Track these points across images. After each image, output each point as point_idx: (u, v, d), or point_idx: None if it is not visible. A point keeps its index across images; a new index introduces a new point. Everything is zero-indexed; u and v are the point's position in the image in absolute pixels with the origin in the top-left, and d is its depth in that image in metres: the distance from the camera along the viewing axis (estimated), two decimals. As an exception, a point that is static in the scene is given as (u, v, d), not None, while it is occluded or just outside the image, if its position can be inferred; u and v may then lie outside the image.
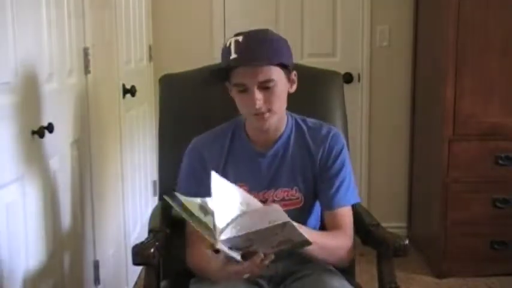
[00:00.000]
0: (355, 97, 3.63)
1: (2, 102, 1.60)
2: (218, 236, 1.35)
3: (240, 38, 1.58)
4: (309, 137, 1.72)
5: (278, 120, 1.67)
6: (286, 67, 1.62)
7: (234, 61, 1.56)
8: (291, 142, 1.72)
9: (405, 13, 3.60)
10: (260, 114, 1.60)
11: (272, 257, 1.41)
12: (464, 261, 3.20)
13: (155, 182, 3.41)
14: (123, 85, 2.82)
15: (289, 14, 3.62)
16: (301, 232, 1.37)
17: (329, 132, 1.73)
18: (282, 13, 3.62)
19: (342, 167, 1.70)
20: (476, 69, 3.08)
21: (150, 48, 3.52)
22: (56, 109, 1.96)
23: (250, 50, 1.56)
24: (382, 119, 3.71)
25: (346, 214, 1.69)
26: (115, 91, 2.75)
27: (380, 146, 3.74)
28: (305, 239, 1.39)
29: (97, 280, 2.42)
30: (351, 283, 1.68)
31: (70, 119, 2.15)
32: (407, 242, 1.66)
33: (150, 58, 3.52)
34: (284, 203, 1.67)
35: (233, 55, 1.56)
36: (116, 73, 2.75)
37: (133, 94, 2.88)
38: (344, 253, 1.66)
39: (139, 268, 2.72)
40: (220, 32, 3.53)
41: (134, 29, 3.11)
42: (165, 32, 3.61)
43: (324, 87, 2.05)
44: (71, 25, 2.14)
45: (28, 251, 1.75)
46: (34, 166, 1.81)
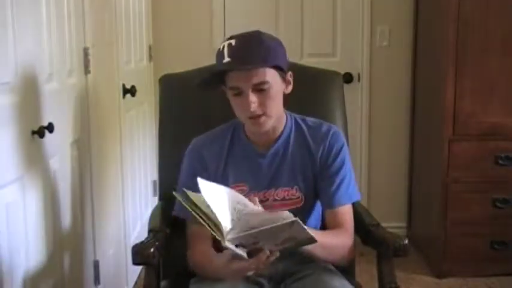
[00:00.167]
0: (355, 97, 3.63)
1: (2, 102, 1.60)
2: (226, 234, 1.36)
3: (233, 42, 1.57)
4: (309, 136, 1.72)
5: (275, 121, 1.66)
6: (280, 68, 1.61)
7: (228, 65, 1.55)
8: (291, 141, 1.72)
9: (405, 13, 3.60)
10: (256, 117, 1.59)
11: (277, 254, 1.41)
12: (464, 261, 3.20)
13: (155, 182, 3.41)
14: (123, 85, 2.82)
15: (289, 14, 3.62)
16: (307, 230, 1.38)
17: (329, 130, 1.72)
18: (282, 13, 3.62)
19: (342, 165, 1.70)
20: (476, 69, 3.08)
21: (150, 48, 3.52)
22: (56, 109, 1.96)
23: (243, 53, 1.55)
24: (382, 119, 3.71)
25: (346, 212, 1.69)
26: (115, 91, 2.75)
27: (380, 146, 3.74)
28: (310, 237, 1.40)
29: (97, 280, 2.41)
30: (351, 283, 1.68)
31: (70, 119, 2.15)
32: (407, 242, 1.66)
33: (150, 58, 3.52)
34: (284, 203, 1.68)
35: (226, 59, 1.55)
36: (116, 73, 2.75)
37: (133, 94, 2.88)
38: (345, 251, 1.66)
39: (139, 268, 2.72)
40: (220, 32, 3.53)
41: (134, 29, 3.11)
42: (165, 32, 3.61)
43: (324, 87, 2.05)
44: (71, 25, 2.14)
45: (28, 251, 1.75)
46: (34, 166, 1.81)
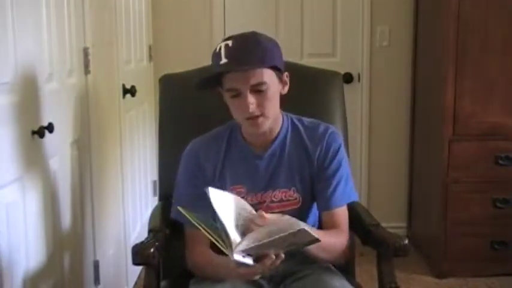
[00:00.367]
0: (355, 97, 3.63)
1: (2, 102, 1.60)
2: (235, 248, 1.38)
3: (230, 42, 1.56)
4: (306, 136, 1.72)
5: (272, 122, 1.66)
6: (277, 69, 1.61)
7: (225, 66, 1.55)
8: (288, 142, 1.71)
9: (405, 13, 3.60)
10: (254, 118, 1.59)
11: (283, 257, 1.42)
12: (464, 261, 3.20)
13: (155, 182, 3.41)
14: (123, 85, 2.81)
15: (289, 14, 3.62)
16: (312, 233, 1.39)
17: (326, 130, 1.72)
18: (282, 13, 3.62)
19: (339, 166, 1.70)
20: (476, 69, 3.08)
21: (150, 48, 3.52)
22: (56, 109, 1.96)
23: (240, 54, 1.54)
24: (382, 119, 3.71)
25: (342, 213, 1.70)
26: (115, 91, 2.75)
27: (380, 146, 3.74)
28: (315, 238, 1.41)
29: (97, 280, 2.41)
30: (351, 283, 1.68)
31: (70, 119, 2.15)
32: (407, 242, 1.66)
33: (150, 58, 3.52)
34: (282, 204, 1.67)
35: (223, 60, 1.54)
36: (116, 73, 2.75)
37: (133, 94, 2.88)
38: (342, 251, 1.67)
39: (139, 268, 2.72)
40: (220, 32, 3.53)
41: (134, 29, 3.11)
42: (165, 32, 3.61)
43: (324, 87, 2.05)
44: (71, 25, 2.14)
45: (28, 251, 1.75)
46: (34, 166, 1.81)
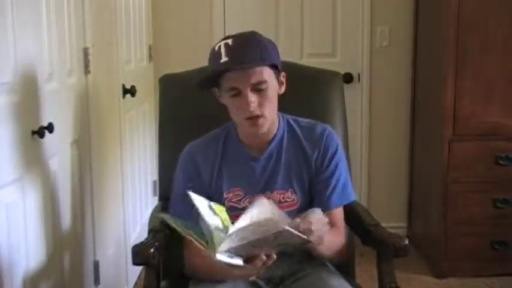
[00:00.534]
0: (355, 97, 3.63)
1: (2, 102, 1.60)
2: (216, 248, 1.34)
3: (230, 41, 1.55)
4: (303, 138, 1.71)
5: (270, 123, 1.65)
6: (276, 68, 1.61)
7: (226, 64, 1.54)
8: (284, 143, 1.71)
9: (405, 13, 3.60)
10: (254, 118, 1.58)
11: (274, 257, 1.40)
12: (464, 261, 3.20)
13: (155, 182, 3.41)
14: (123, 85, 2.81)
15: (289, 14, 3.62)
16: (299, 234, 1.37)
17: (323, 131, 1.72)
18: (282, 13, 3.62)
19: (337, 167, 1.70)
20: (476, 69, 3.08)
21: (150, 48, 3.52)
22: (56, 109, 1.96)
23: (241, 53, 1.54)
24: (382, 119, 3.71)
25: (339, 212, 1.71)
26: (115, 91, 2.75)
27: (380, 146, 3.74)
28: (304, 240, 1.39)
29: (97, 280, 2.41)
30: (351, 283, 1.69)
31: (70, 119, 2.15)
32: (407, 242, 1.66)
33: (150, 58, 3.52)
34: (280, 206, 1.66)
35: (224, 58, 1.53)
36: (116, 73, 2.75)
37: (133, 94, 2.88)
38: (339, 249, 1.68)
39: (139, 268, 2.72)
40: (220, 32, 3.52)
41: (134, 29, 3.11)
42: (165, 32, 3.61)
43: (324, 87, 2.05)
44: (71, 25, 2.14)
45: (28, 251, 1.75)
46: (34, 166, 1.81)
